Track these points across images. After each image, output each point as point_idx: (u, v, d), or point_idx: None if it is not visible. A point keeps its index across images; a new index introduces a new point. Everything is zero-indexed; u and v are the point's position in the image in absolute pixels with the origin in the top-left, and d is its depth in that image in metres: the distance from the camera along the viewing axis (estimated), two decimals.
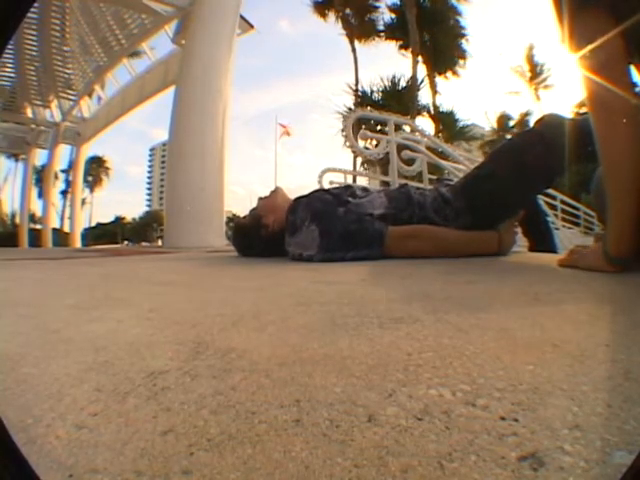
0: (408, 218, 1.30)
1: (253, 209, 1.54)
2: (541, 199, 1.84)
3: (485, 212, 1.27)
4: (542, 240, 1.59)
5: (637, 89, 0.78)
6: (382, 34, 15.16)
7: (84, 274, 1.27)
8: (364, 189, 1.48)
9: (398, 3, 14.63)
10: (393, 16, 14.89)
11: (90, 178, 32.05)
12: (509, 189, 1.25)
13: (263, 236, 1.42)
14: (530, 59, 17.47)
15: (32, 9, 5.87)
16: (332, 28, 15.69)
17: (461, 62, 15.43)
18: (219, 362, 0.36)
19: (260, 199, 1.53)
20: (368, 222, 1.25)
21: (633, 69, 0.76)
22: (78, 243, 11.04)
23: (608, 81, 0.71)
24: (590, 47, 0.71)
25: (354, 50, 15.42)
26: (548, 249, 1.54)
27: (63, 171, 17.14)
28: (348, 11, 14.95)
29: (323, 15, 15.24)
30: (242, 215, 1.76)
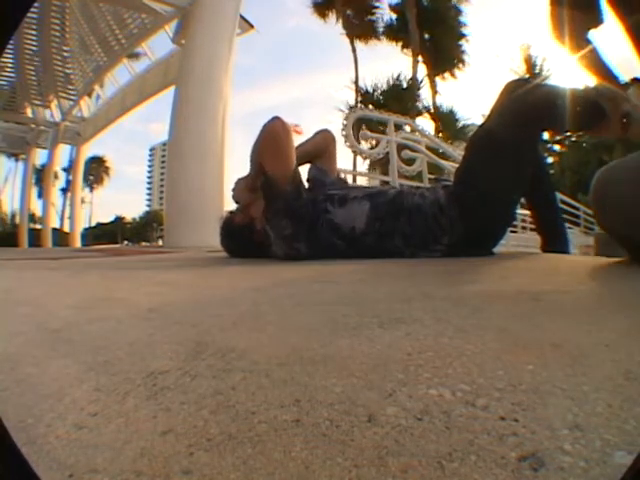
0: (391, 229, 1.25)
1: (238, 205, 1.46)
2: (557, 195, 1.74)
3: (477, 220, 1.21)
4: (555, 239, 1.48)
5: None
6: (382, 36, 15.19)
7: (84, 274, 1.27)
8: (343, 189, 1.39)
9: (398, 2, 14.66)
10: (394, 17, 14.93)
11: (90, 178, 32.05)
12: (497, 185, 1.19)
13: (255, 239, 1.34)
14: (528, 60, 17.44)
15: (32, 9, 5.87)
16: (332, 28, 15.75)
17: (461, 62, 15.44)
18: (219, 362, 0.36)
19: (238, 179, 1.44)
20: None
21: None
22: (78, 243, 11.04)
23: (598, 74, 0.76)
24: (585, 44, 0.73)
25: (354, 50, 15.45)
26: (560, 249, 1.44)
27: (64, 169, 17.10)
28: (349, 12, 14.98)
29: (323, 15, 15.27)
30: (229, 210, 1.60)
